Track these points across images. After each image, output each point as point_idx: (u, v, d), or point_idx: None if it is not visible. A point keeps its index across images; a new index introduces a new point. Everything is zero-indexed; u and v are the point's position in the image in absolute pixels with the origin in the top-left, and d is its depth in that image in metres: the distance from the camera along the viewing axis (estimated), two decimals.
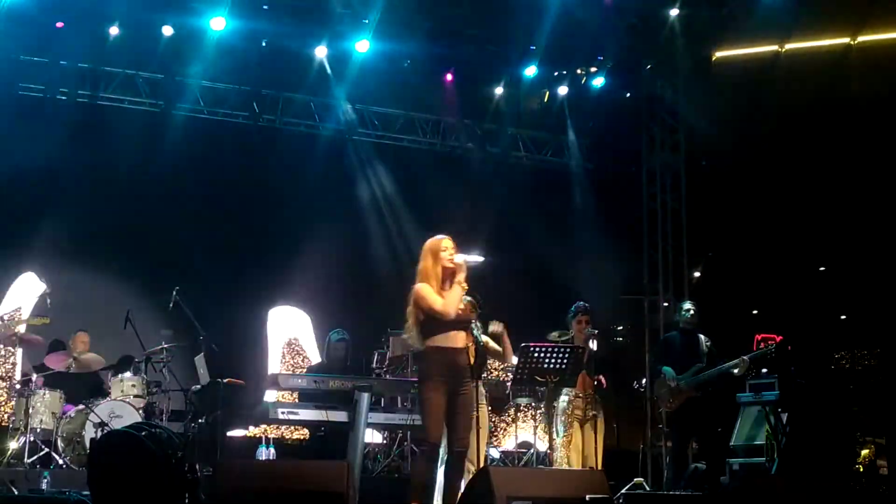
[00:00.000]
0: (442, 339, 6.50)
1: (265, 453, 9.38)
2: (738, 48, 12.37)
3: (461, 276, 6.51)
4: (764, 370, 11.05)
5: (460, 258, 6.58)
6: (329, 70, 12.21)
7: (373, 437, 9.76)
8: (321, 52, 12.07)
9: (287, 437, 10.78)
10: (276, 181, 12.32)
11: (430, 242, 6.70)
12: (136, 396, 9.35)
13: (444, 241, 6.65)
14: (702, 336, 9.40)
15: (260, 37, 11.75)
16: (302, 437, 9.75)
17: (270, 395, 9.41)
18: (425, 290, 6.48)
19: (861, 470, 12.92)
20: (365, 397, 8.05)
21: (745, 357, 8.99)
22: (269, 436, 9.45)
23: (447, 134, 13.63)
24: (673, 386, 9.18)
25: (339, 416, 8.20)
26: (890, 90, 11.69)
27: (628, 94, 13.39)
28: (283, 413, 8.18)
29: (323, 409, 8.19)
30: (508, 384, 10.14)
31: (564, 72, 13.25)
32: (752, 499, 6.30)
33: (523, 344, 7.87)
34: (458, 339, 6.59)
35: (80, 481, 6.87)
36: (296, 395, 8.92)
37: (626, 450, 11.14)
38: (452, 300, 6.45)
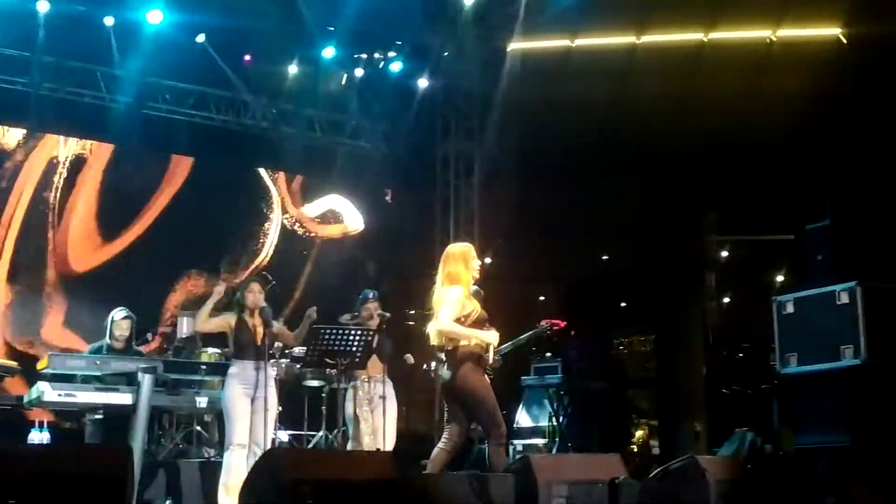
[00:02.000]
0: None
1: (38, 437, 8.94)
2: (531, 41, 12.68)
3: (492, 347, 6.91)
4: (548, 354, 11.45)
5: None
6: (114, 40, 11.74)
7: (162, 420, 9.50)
8: (109, 20, 11.60)
9: (63, 420, 10.32)
10: None
11: (461, 249, 7.01)
12: None
13: (473, 250, 7.00)
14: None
15: None
16: (80, 421, 9.36)
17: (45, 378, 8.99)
18: (457, 297, 6.81)
19: (636, 450, 13.58)
20: (148, 379, 7.82)
21: (521, 337, 9.22)
22: (45, 419, 9.00)
23: (242, 112, 13.34)
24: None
25: (123, 398, 7.94)
26: (672, 89, 12.27)
27: (425, 80, 13.50)
28: (59, 395, 7.85)
29: (104, 392, 7.91)
30: (299, 366, 10.07)
31: (364, 55, 13.25)
32: (530, 477, 6.49)
33: (314, 325, 7.84)
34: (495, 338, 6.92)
35: None
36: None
37: (415, 432, 11.28)
38: (462, 333, 6.82)
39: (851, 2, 11.38)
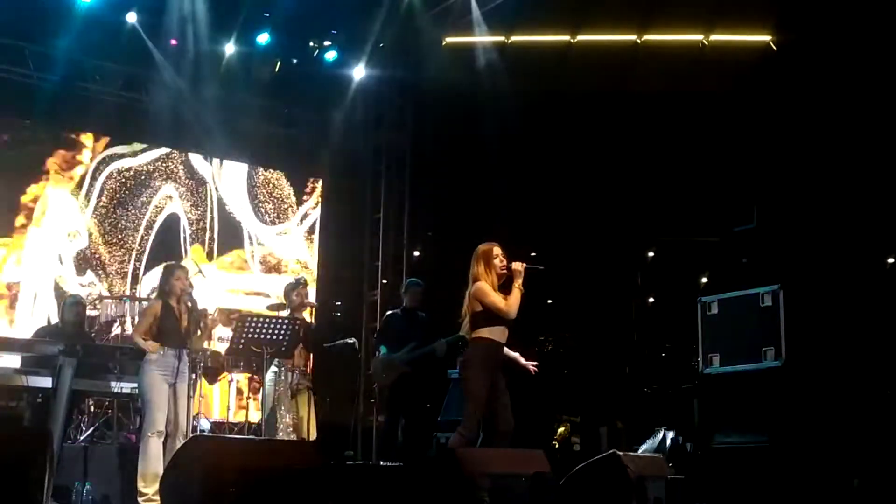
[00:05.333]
0: (488, 332, 6.98)
1: None
2: (466, 35, 12.69)
3: (520, 281, 6.96)
4: None
5: (519, 265, 7.00)
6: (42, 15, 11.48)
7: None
8: None
9: None
10: None
11: (482, 248, 7.10)
12: None
13: (495, 248, 7.10)
14: (422, 314, 9.62)
15: None
16: (4, 403, 9.23)
17: None
18: (487, 289, 6.95)
19: (557, 446, 13.68)
20: (69, 363, 7.69)
21: (442, 340, 9.27)
22: None
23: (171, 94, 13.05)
24: (386, 362, 9.37)
25: (43, 381, 7.80)
26: (606, 86, 12.37)
27: (361, 70, 13.41)
28: None
29: (24, 375, 7.76)
30: (223, 354, 9.99)
31: (298, 43, 13.13)
32: (448, 468, 6.51)
33: (241, 313, 7.79)
34: (504, 335, 7.06)
35: None
36: None
37: (338, 423, 11.24)
38: (514, 303, 6.94)
39: (781, 9, 11.57)
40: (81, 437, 8.89)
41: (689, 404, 10.01)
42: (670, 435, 9.91)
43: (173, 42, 12.29)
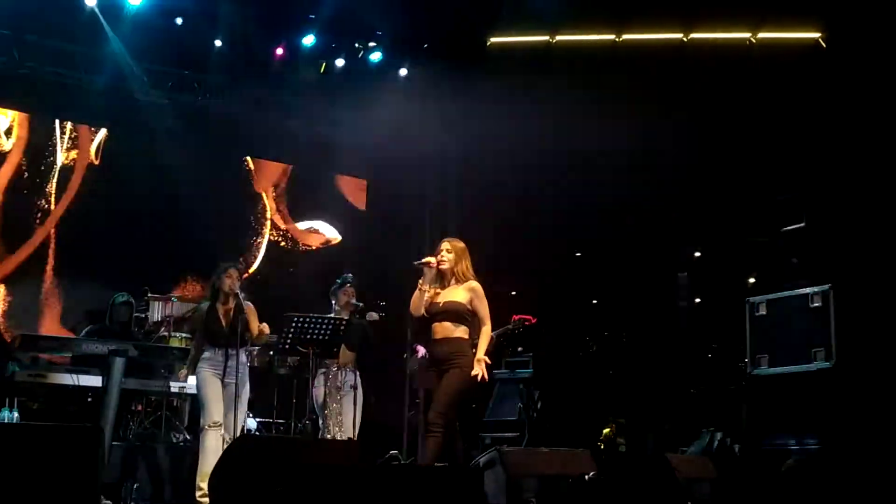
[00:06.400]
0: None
1: (7, 417, 8.89)
2: (511, 35, 12.66)
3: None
4: (520, 349, 11.47)
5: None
6: (103, 20, 11.63)
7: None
8: (91, 0, 11.49)
9: (33, 400, 10.26)
10: None
11: (463, 244, 7.18)
12: None
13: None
14: None
15: None
16: (53, 401, 9.37)
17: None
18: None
19: (602, 447, 13.62)
20: (119, 362, 7.78)
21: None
22: (16, 399, 8.95)
23: (219, 96, 13.19)
24: (425, 362, 9.37)
25: (93, 380, 7.89)
26: (651, 85, 12.27)
27: (405, 70, 13.45)
28: (29, 376, 7.81)
29: (75, 374, 7.87)
30: (271, 353, 10.05)
31: (343, 44, 13.19)
32: (501, 470, 6.50)
33: (287, 313, 7.84)
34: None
35: None
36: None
37: (384, 423, 11.26)
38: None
39: (831, 5, 11.43)
40: (131, 436, 8.99)
41: (736, 406, 9.93)
42: (718, 436, 9.83)
43: (218, 43, 12.41)
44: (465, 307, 6.98)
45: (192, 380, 7.92)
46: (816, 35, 11.80)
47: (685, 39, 12.25)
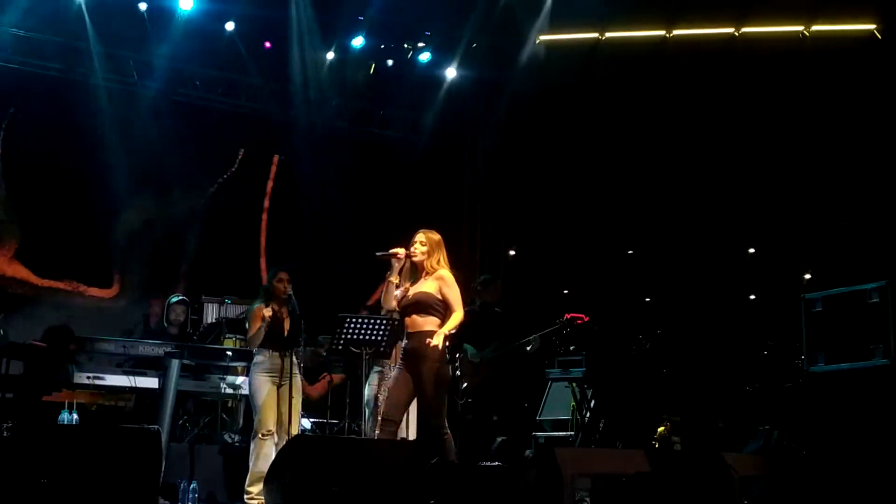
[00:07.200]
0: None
1: (67, 419, 9.03)
2: (560, 32, 12.61)
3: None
4: (572, 347, 11.41)
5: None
6: (148, 25, 11.78)
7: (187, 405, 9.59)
8: (142, 6, 11.64)
9: (94, 402, 10.41)
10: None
11: (439, 237, 7.08)
12: None
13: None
14: (497, 310, 9.62)
15: None
16: (114, 403, 9.50)
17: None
18: None
19: (657, 446, 13.51)
20: (175, 364, 7.87)
21: (536, 335, 9.23)
22: (75, 401, 9.09)
23: (269, 100, 13.30)
24: (475, 361, 9.37)
25: (150, 382, 7.99)
26: (703, 81, 12.17)
27: (454, 72, 13.45)
28: (87, 378, 7.92)
29: (131, 375, 7.97)
30: (324, 354, 10.12)
31: (392, 45, 13.23)
32: (554, 470, 6.48)
33: (340, 314, 7.88)
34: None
35: None
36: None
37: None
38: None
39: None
40: (187, 437, 9.09)
41: (792, 403, 9.82)
42: (775, 435, 9.72)
43: (267, 45, 12.51)
44: (434, 297, 6.86)
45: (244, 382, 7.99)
46: (872, 27, 11.62)
47: (737, 34, 12.13)
